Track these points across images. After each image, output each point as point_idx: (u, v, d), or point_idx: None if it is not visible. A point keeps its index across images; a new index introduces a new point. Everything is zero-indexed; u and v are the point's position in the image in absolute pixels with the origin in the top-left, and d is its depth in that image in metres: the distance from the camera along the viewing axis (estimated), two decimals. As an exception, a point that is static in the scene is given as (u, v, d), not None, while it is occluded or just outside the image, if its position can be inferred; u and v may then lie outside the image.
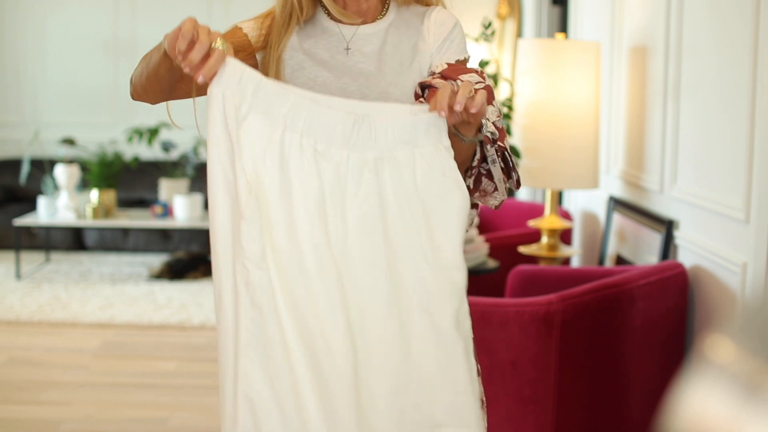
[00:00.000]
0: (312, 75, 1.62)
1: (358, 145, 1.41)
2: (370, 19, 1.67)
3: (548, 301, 2.57)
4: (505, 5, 6.76)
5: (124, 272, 6.28)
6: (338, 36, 1.65)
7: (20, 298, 5.44)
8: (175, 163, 6.68)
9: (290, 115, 1.40)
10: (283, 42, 1.64)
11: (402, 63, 1.63)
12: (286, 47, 1.64)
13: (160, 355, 4.42)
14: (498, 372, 2.59)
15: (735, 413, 0.49)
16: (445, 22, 1.67)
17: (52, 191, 6.23)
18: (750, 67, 2.49)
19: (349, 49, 1.64)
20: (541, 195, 5.39)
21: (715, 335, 0.54)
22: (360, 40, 1.65)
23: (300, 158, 1.39)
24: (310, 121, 1.40)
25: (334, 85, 1.61)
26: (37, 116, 7.55)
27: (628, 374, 2.77)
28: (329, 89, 1.58)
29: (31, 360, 4.32)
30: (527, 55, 3.63)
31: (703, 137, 2.88)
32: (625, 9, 3.76)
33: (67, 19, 7.48)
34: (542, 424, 2.59)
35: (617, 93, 3.86)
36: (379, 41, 1.65)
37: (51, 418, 3.54)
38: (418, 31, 1.66)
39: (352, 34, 1.65)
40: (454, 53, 1.66)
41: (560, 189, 3.74)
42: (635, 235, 3.48)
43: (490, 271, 3.62)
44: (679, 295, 2.88)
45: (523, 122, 3.61)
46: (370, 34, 1.66)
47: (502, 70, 6.39)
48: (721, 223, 2.73)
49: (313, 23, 1.67)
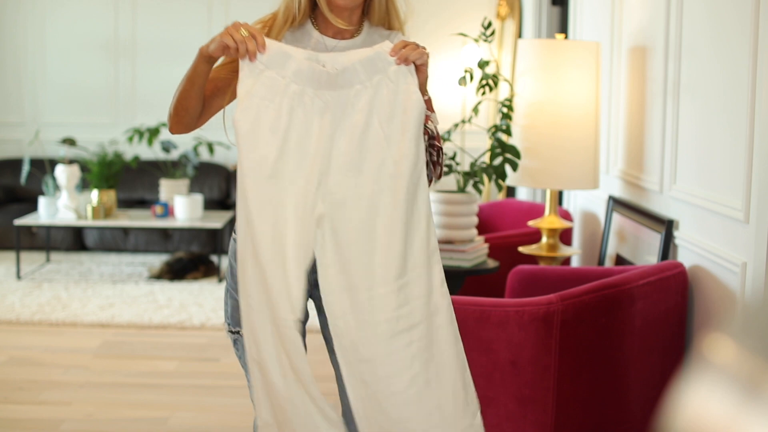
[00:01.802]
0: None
1: (345, 85, 1.94)
2: (348, 36, 2.13)
3: (548, 301, 2.57)
4: (505, 5, 6.76)
5: (124, 272, 6.28)
6: (322, 45, 2.11)
7: (20, 298, 5.44)
8: (176, 163, 6.68)
9: (294, 72, 1.93)
10: (280, 36, 2.08)
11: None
12: (281, 40, 2.09)
13: (160, 355, 4.42)
14: (498, 372, 2.59)
15: (735, 413, 0.49)
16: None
17: (53, 191, 6.23)
18: (750, 67, 2.49)
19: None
20: (541, 195, 5.39)
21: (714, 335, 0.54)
22: (339, 52, 2.09)
23: (301, 99, 1.93)
24: (308, 75, 1.94)
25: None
26: (37, 116, 7.55)
27: (627, 374, 2.77)
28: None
29: (31, 360, 4.32)
30: (527, 55, 3.63)
31: (703, 137, 2.88)
32: (625, 9, 3.76)
33: (67, 19, 7.48)
34: (542, 424, 2.59)
35: (617, 93, 3.87)
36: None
37: (51, 418, 3.54)
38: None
39: (333, 45, 2.11)
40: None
41: (560, 189, 3.74)
42: (635, 235, 3.49)
43: (490, 271, 3.62)
44: (679, 295, 2.88)
45: (523, 122, 3.61)
46: (348, 47, 2.10)
47: (502, 70, 6.39)
48: (720, 223, 2.73)
49: (302, 32, 2.13)
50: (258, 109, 1.92)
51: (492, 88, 3.71)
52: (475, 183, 3.65)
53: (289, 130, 1.93)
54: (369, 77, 1.94)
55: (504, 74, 5.79)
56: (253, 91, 1.93)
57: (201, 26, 7.35)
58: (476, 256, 3.60)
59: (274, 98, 1.93)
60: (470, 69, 3.73)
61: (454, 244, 3.56)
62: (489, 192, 6.73)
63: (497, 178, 3.58)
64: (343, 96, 1.93)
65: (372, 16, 2.15)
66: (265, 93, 1.92)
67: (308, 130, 1.93)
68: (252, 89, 1.93)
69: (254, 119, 1.92)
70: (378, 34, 2.15)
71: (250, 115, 1.92)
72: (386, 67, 1.94)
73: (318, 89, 1.93)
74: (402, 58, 1.93)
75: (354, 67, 1.93)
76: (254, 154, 1.92)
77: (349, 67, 1.93)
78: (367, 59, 1.94)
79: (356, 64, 1.93)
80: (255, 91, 1.93)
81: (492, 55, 4.26)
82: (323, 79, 1.94)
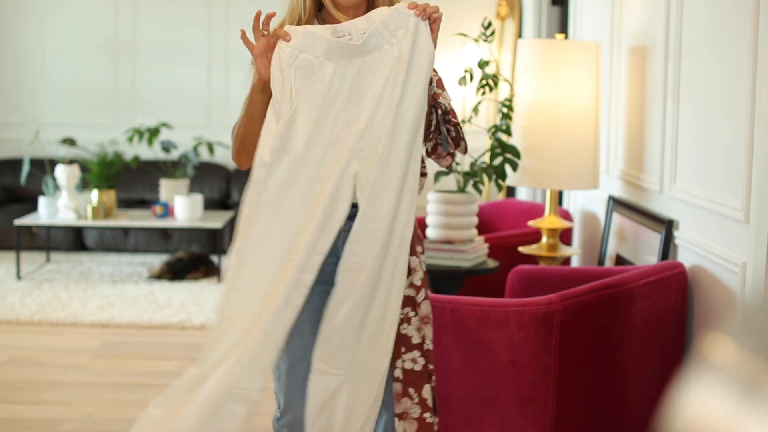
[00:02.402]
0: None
1: (374, 48, 2.04)
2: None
3: (548, 301, 2.57)
4: (505, 5, 6.76)
5: (124, 272, 6.28)
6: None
7: (20, 298, 5.44)
8: (176, 163, 6.68)
9: (325, 51, 2.04)
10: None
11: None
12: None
13: (160, 355, 4.42)
14: (498, 372, 2.59)
15: (735, 413, 0.49)
16: None
17: (53, 191, 6.23)
18: (750, 67, 2.49)
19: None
20: (541, 195, 5.39)
21: (714, 335, 0.54)
22: None
23: (333, 71, 2.04)
24: (337, 50, 2.04)
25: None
26: (37, 116, 7.55)
27: (627, 374, 2.77)
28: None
29: (31, 360, 4.32)
30: (527, 55, 3.63)
31: (703, 137, 2.88)
32: (625, 9, 3.76)
33: (67, 19, 7.48)
34: (542, 423, 2.59)
35: (617, 93, 3.87)
36: None
37: (51, 418, 3.54)
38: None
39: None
40: None
41: (560, 189, 3.74)
42: (635, 235, 3.49)
43: (490, 271, 3.62)
44: (679, 295, 2.88)
45: (523, 122, 3.61)
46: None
47: (502, 70, 6.39)
48: (720, 223, 2.73)
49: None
50: (300, 87, 2.03)
51: (492, 88, 3.71)
52: (475, 183, 3.65)
53: (325, 102, 2.03)
54: (393, 34, 2.04)
55: (504, 74, 5.79)
56: (290, 74, 2.03)
57: (201, 26, 7.35)
58: (476, 256, 3.59)
59: (311, 76, 2.04)
60: (470, 69, 3.73)
61: (454, 244, 3.56)
62: (489, 192, 6.73)
63: (497, 178, 3.58)
64: (375, 58, 2.04)
65: None
66: (303, 73, 2.04)
67: (347, 97, 2.04)
68: (289, 73, 2.04)
69: (296, 98, 2.03)
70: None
71: (300, 96, 2.03)
72: (406, 20, 2.04)
73: (350, 59, 2.04)
74: (421, 10, 2.04)
75: (377, 30, 2.03)
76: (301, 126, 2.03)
77: (373, 32, 2.03)
78: (389, 16, 2.04)
79: (379, 26, 2.03)
80: (292, 73, 2.03)
81: (492, 55, 4.26)
82: (353, 50, 2.04)
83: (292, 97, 2.03)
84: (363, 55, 2.04)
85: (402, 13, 2.05)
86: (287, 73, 2.03)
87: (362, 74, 2.04)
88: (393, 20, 2.05)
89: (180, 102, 7.39)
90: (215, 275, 6.15)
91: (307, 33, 2.05)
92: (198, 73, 7.40)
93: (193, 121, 7.32)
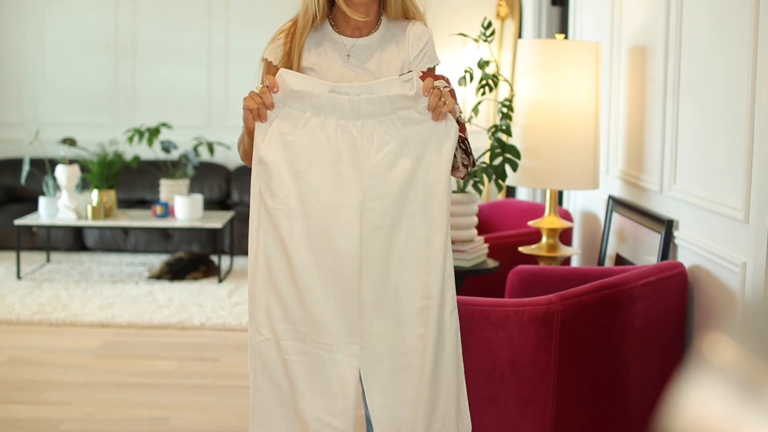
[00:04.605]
0: (321, 76, 2.15)
1: (368, 115, 1.97)
2: (366, 33, 2.18)
3: (548, 301, 2.57)
4: (505, 6, 6.76)
5: (124, 272, 6.28)
6: (341, 45, 2.16)
7: (20, 298, 5.44)
8: (176, 163, 6.68)
9: (314, 106, 1.98)
10: (303, 37, 2.15)
11: (390, 71, 2.16)
12: (305, 44, 2.16)
13: (160, 355, 4.42)
14: (498, 372, 2.59)
15: (735, 413, 0.49)
16: (421, 36, 2.19)
17: (53, 191, 6.23)
18: (750, 67, 2.49)
19: (349, 56, 2.17)
20: (541, 195, 5.39)
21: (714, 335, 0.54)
22: (358, 50, 2.17)
23: (323, 131, 1.97)
24: (330, 106, 1.97)
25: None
26: (37, 116, 7.55)
27: (627, 374, 2.77)
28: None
29: (31, 360, 4.32)
30: (527, 55, 3.63)
31: (703, 137, 2.88)
32: (625, 9, 3.76)
33: (67, 19, 7.48)
34: (542, 424, 2.59)
35: (617, 93, 3.87)
36: (374, 50, 2.17)
37: (51, 418, 3.54)
38: (400, 43, 2.19)
39: (352, 44, 2.17)
40: (427, 62, 2.20)
41: (560, 189, 3.74)
42: (635, 235, 3.49)
43: (490, 271, 3.62)
44: (679, 295, 2.88)
45: (523, 122, 3.61)
46: (366, 45, 2.17)
47: (502, 70, 6.39)
48: (720, 223, 2.73)
49: (322, 33, 2.18)
50: (281, 142, 1.99)
51: (492, 88, 3.71)
52: (475, 183, 3.65)
53: (312, 160, 1.98)
54: (394, 111, 1.99)
55: (504, 74, 5.79)
56: (273, 127, 1.99)
57: (201, 26, 7.35)
58: (476, 256, 3.59)
59: (294, 131, 1.98)
60: (470, 69, 3.73)
61: (454, 244, 3.56)
62: (489, 192, 6.73)
63: (497, 178, 3.58)
64: (368, 125, 1.99)
65: (389, 10, 2.19)
66: (287, 128, 1.99)
67: (336, 158, 1.98)
68: (272, 126, 2.00)
69: (276, 152, 1.98)
70: (396, 27, 2.20)
71: (272, 150, 1.99)
72: (414, 105, 1.99)
73: (340, 119, 1.98)
74: (437, 115, 2.00)
75: (380, 100, 1.98)
76: (280, 192, 1.98)
77: (375, 100, 1.98)
78: (396, 96, 1.99)
79: (383, 99, 1.98)
80: (276, 126, 1.99)
81: (492, 55, 4.26)
82: (346, 109, 1.98)
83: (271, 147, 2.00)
84: (356, 118, 1.98)
85: (408, 98, 1.99)
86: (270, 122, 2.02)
87: (356, 139, 1.99)
88: (398, 100, 1.99)
89: (180, 102, 7.38)
90: (215, 275, 6.15)
91: (299, 85, 1.99)
92: (198, 74, 7.40)
93: (193, 121, 7.32)
